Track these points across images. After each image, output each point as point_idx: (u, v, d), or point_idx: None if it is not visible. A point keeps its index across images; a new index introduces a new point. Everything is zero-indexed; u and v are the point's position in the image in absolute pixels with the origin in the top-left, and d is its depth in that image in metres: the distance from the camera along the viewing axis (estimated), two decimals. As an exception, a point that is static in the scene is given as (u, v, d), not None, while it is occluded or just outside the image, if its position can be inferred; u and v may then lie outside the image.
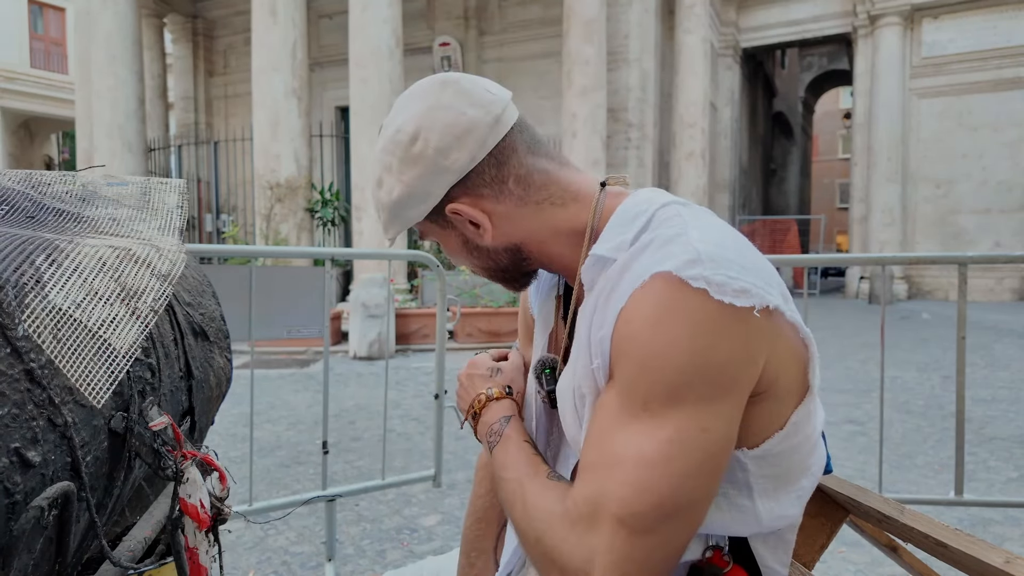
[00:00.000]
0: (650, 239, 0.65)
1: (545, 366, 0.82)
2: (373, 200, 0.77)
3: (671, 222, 0.66)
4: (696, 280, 0.58)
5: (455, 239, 0.77)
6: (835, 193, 31.19)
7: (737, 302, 0.57)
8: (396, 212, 0.74)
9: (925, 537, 0.73)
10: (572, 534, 0.60)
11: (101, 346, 0.59)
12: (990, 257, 2.33)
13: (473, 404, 0.84)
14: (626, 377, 0.61)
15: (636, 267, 0.63)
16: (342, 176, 11.12)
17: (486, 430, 0.80)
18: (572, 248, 0.74)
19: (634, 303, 0.61)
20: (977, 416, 4.36)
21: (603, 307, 0.65)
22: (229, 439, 3.90)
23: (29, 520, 0.51)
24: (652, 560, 0.58)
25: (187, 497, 0.69)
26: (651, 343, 0.59)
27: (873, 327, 8.97)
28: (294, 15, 8.76)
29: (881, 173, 13.34)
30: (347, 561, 2.41)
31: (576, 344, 0.72)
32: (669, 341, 0.58)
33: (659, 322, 0.59)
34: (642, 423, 0.59)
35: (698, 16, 11.71)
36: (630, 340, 0.61)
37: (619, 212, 0.72)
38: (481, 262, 0.79)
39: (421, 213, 0.74)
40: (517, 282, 0.82)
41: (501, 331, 7.92)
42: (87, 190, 0.86)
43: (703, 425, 0.58)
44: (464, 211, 0.73)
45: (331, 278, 2.29)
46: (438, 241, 0.79)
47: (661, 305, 0.59)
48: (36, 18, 19.62)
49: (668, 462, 0.57)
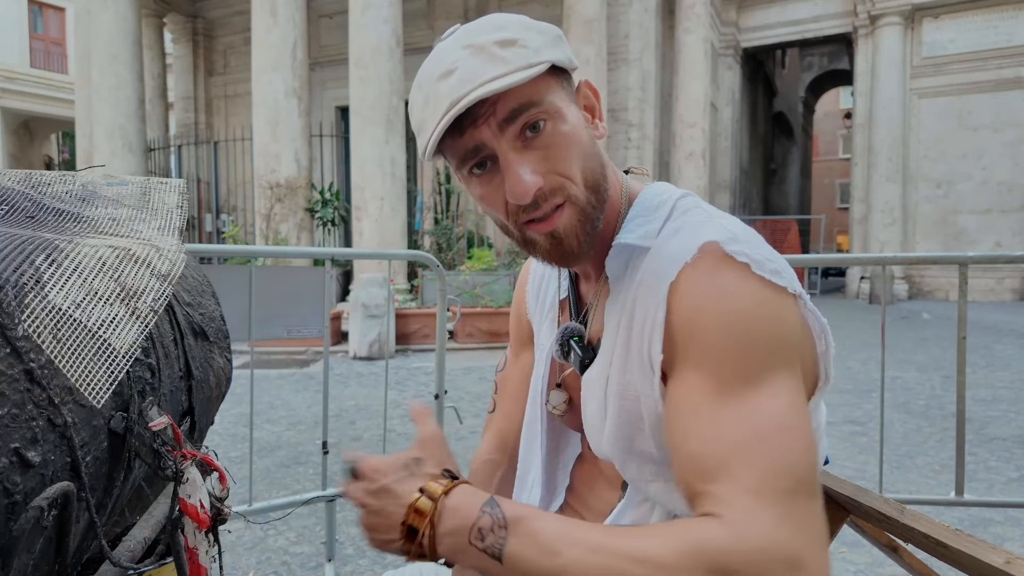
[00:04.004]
0: (679, 225, 0.65)
1: (573, 334, 0.75)
2: (523, 26, 0.64)
3: (694, 212, 0.67)
4: (739, 255, 0.59)
5: (576, 112, 0.66)
6: (835, 193, 31.18)
7: (775, 280, 0.59)
8: (557, 41, 0.65)
9: (925, 537, 0.72)
10: (754, 533, 0.50)
11: (101, 346, 0.59)
12: (990, 257, 2.33)
13: (409, 522, 0.56)
14: (713, 354, 0.57)
15: (675, 247, 0.63)
16: (342, 176, 11.12)
17: (467, 537, 0.54)
18: (606, 221, 0.70)
19: (689, 278, 0.60)
20: (978, 416, 4.36)
21: (646, 294, 0.64)
22: (229, 439, 3.90)
23: (29, 520, 0.51)
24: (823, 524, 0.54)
25: (187, 497, 0.69)
26: (727, 315, 0.57)
27: (873, 327, 8.97)
28: (294, 15, 8.76)
29: (881, 173, 13.34)
30: (347, 561, 2.41)
31: (606, 339, 0.70)
32: (743, 311, 0.57)
33: (726, 294, 0.58)
34: (756, 394, 0.56)
35: (698, 16, 11.70)
36: (702, 315, 0.58)
37: (640, 202, 0.71)
38: (583, 159, 0.65)
39: (571, 60, 0.67)
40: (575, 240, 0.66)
41: (501, 331, 7.91)
42: (87, 190, 0.86)
43: (796, 387, 0.58)
44: (594, 91, 0.70)
45: (331, 278, 2.29)
46: (547, 114, 0.62)
47: (720, 277, 0.59)
48: (36, 18, 19.62)
49: (797, 425, 0.55)
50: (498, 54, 0.60)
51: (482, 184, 0.66)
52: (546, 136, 0.63)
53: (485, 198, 0.66)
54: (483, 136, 0.62)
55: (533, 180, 0.62)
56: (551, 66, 0.63)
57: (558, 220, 0.64)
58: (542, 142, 0.63)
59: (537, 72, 0.60)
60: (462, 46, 0.62)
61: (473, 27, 0.64)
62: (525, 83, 0.60)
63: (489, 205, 0.67)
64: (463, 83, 0.60)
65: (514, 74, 0.59)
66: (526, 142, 0.62)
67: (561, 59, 0.64)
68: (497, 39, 0.61)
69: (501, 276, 8.32)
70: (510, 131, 0.62)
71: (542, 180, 0.62)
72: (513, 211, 0.65)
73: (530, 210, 0.64)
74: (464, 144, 0.63)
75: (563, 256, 0.67)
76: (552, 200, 0.63)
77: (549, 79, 0.63)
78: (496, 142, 0.62)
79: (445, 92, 0.60)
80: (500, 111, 0.61)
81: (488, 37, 0.61)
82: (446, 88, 0.60)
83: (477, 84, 0.59)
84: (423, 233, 9.95)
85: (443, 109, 0.60)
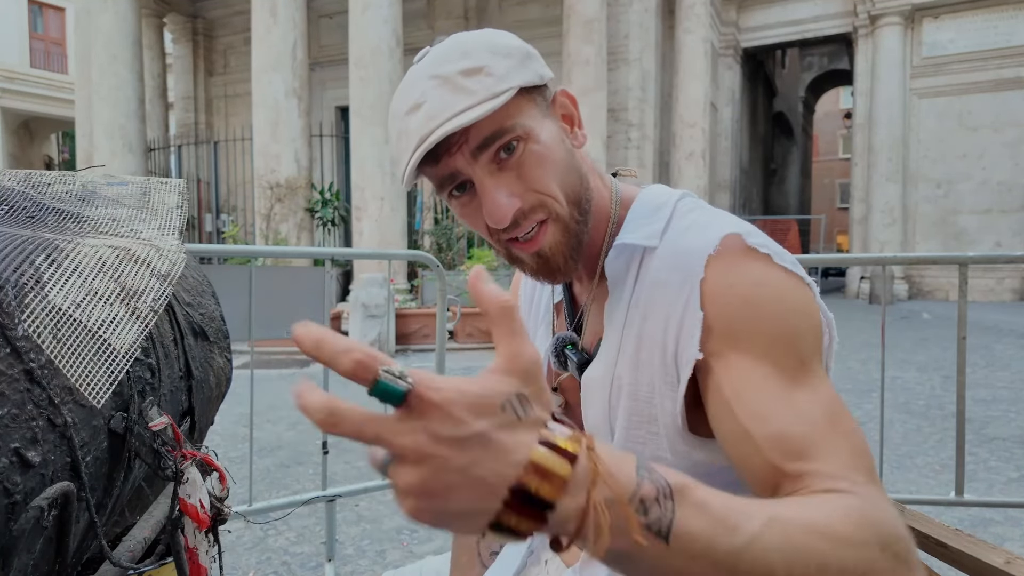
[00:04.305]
0: (688, 223, 0.66)
1: (566, 343, 0.75)
2: (489, 50, 0.63)
3: (699, 211, 0.67)
4: (761, 247, 0.60)
5: (550, 127, 0.66)
6: (835, 193, 31.18)
7: (796, 271, 0.60)
8: (525, 60, 0.64)
9: (925, 537, 0.72)
10: (888, 508, 0.49)
11: (101, 346, 0.59)
12: (990, 257, 2.33)
13: (527, 485, 0.36)
14: (765, 340, 0.57)
15: (691, 242, 0.63)
16: (342, 176, 11.12)
17: (626, 508, 0.38)
18: (594, 228, 0.70)
19: (718, 270, 0.60)
20: (977, 416, 4.36)
21: (665, 293, 0.63)
22: (229, 439, 3.90)
23: (29, 520, 0.51)
24: None
25: (187, 497, 0.69)
26: (772, 303, 0.58)
27: (873, 327, 8.97)
28: (294, 15, 8.76)
29: (881, 173, 13.34)
30: (347, 561, 2.41)
31: (607, 341, 0.69)
32: (785, 299, 0.59)
33: (765, 282, 0.59)
34: (813, 378, 0.57)
35: (698, 16, 11.70)
36: (747, 304, 0.59)
37: (640, 204, 0.71)
38: (560, 174, 0.65)
39: (543, 75, 0.66)
40: (566, 249, 0.66)
41: (501, 331, 7.90)
42: (87, 190, 0.86)
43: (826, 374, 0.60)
44: (571, 99, 0.69)
45: (331, 278, 2.29)
46: (519, 137, 0.62)
47: (750, 266, 0.60)
48: (36, 18, 19.63)
49: (844, 407, 0.57)
50: (463, 85, 0.60)
51: (462, 206, 0.66)
52: (520, 156, 0.63)
53: (466, 218, 0.67)
54: (457, 164, 0.63)
55: (510, 203, 0.62)
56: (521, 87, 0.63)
57: (543, 239, 0.65)
58: (516, 162, 0.63)
59: (503, 101, 0.60)
60: (428, 76, 0.62)
61: (440, 53, 0.63)
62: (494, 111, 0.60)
63: (471, 225, 0.67)
64: (430, 119, 0.60)
65: (479, 106, 0.59)
66: (501, 164, 0.63)
67: (531, 79, 0.64)
68: (461, 68, 0.61)
69: (501, 276, 8.31)
70: (483, 157, 0.62)
71: (520, 201, 0.63)
72: (495, 231, 0.65)
73: (511, 230, 0.64)
74: (440, 172, 0.64)
75: (550, 273, 0.67)
76: (533, 217, 0.64)
77: (520, 100, 0.63)
78: (471, 169, 0.63)
79: (414, 128, 0.61)
80: (472, 139, 0.61)
81: (452, 67, 0.61)
82: (415, 124, 0.61)
83: (443, 120, 0.59)
84: (423, 233, 9.95)
85: (413, 145, 0.61)
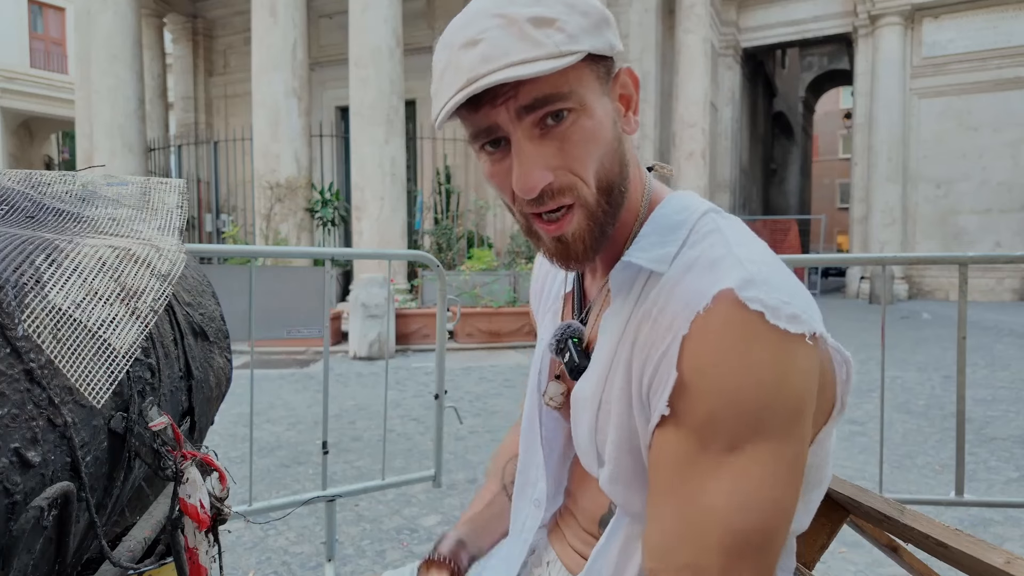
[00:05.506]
0: (695, 257, 0.61)
1: (573, 335, 0.71)
2: (566, 3, 0.57)
3: (712, 238, 0.62)
4: (753, 302, 0.54)
5: (606, 105, 0.61)
6: (835, 193, 31.18)
7: (791, 329, 0.55)
8: (600, 24, 0.59)
9: (925, 537, 0.72)
10: None
11: (101, 346, 0.59)
12: (990, 257, 2.33)
13: None
14: (702, 416, 0.56)
15: (688, 287, 0.59)
16: (342, 176, 11.12)
17: None
18: (621, 222, 0.66)
19: (701, 333, 0.56)
20: (978, 416, 4.36)
21: (653, 327, 0.60)
22: (229, 439, 3.90)
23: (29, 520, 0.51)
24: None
25: (187, 497, 0.69)
26: (729, 379, 0.54)
27: (873, 327, 8.97)
28: (294, 15, 8.75)
29: (881, 173, 13.34)
30: (347, 561, 2.41)
31: (600, 352, 0.67)
32: (746, 374, 0.54)
33: (732, 355, 0.54)
34: (735, 463, 0.55)
35: (698, 16, 11.70)
36: (703, 376, 0.55)
37: (657, 216, 0.67)
38: (600, 158, 0.60)
39: (614, 45, 0.60)
40: (590, 237, 0.62)
41: (501, 331, 7.91)
42: (87, 190, 0.86)
43: (789, 455, 0.56)
44: (634, 80, 0.64)
45: (331, 278, 2.29)
46: (572, 107, 0.58)
47: (731, 335, 0.55)
48: (36, 18, 19.61)
49: (769, 499, 0.55)
50: (530, 33, 0.54)
51: (492, 163, 0.61)
52: (567, 128, 0.58)
53: (494, 177, 0.62)
54: (499, 118, 0.58)
55: (542, 176, 0.58)
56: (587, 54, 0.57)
57: (567, 225, 0.61)
58: (561, 134, 0.58)
59: (568, 63, 0.55)
60: (494, 13, 0.56)
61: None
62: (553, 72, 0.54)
63: (497, 186, 0.63)
64: (484, 60, 0.54)
65: (543, 62, 0.54)
66: (544, 131, 0.58)
67: (601, 47, 0.58)
68: (532, 15, 0.55)
69: (501, 276, 8.32)
70: (528, 119, 0.57)
71: (552, 176, 0.58)
72: (519, 200, 0.61)
73: (534, 204, 0.60)
74: (479, 121, 0.59)
75: (566, 259, 0.63)
76: (560, 199, 0.59)
77: (582, 68, 0.57)
78: (512, 127, 0.58)
79: (466, 65, 0.55)
80: (522, 97, 0.56)
81: (523, 10, 0.55)
82: (467, 60, 0.55)
83: (500, 65, 0.54)
84: (423, 233, 9.96)
85: (460, 83, 0.55)
